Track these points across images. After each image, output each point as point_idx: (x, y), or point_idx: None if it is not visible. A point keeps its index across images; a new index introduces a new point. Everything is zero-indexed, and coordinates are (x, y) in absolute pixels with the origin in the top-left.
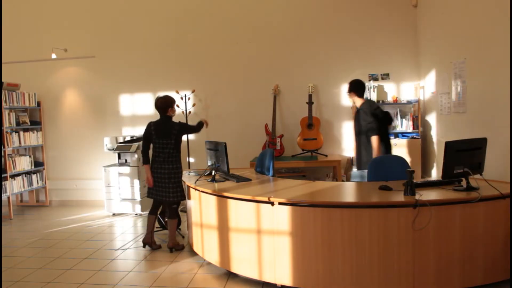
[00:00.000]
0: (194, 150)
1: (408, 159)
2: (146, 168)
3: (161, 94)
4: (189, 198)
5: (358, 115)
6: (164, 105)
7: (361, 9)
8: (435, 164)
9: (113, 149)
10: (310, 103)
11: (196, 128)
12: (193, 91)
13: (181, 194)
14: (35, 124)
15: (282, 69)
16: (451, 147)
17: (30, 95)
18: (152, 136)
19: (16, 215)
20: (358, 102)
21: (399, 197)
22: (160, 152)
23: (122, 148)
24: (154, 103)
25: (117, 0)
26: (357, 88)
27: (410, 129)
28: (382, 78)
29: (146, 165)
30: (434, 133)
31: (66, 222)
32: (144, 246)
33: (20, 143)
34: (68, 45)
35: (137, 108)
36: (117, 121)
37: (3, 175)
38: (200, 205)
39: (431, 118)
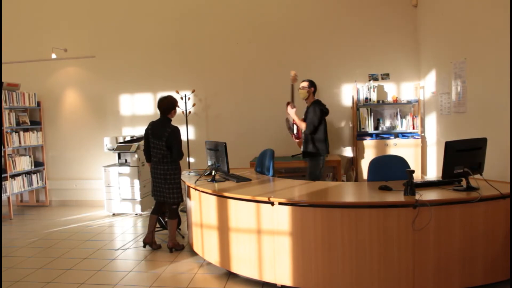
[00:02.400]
0: (194, 150)
1: (408, 159)
2: (149, 166)
3: (161, 94)
4: (189, 198)
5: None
6: (169, 105)
7: (361, 9)
8: (435, 164)
9: (113, 149)
10: None
11: (178, 153)
12: (193, 91)
13: (179, 196)
14: (35, 124)
15: (282, 69)
16: (451, 147)
17: (30, 95)
18: (149, 136)
19: (16, 215)
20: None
21: (399, 197)
22: (156, 152)
23: (122, 148)
24: (158, 103)
25: (117, 0)
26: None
27: (410, 129)
28: (382, 78)
29: (148, 163)
30: (434, 133)
31: (66, 222)
32: (144, 246)
33: (20, 143)
34: (68, 45)
35: (137, 108)
36: (117, 121)
37: (3, 175)
38: (200, 205)
39: (431, 118)
